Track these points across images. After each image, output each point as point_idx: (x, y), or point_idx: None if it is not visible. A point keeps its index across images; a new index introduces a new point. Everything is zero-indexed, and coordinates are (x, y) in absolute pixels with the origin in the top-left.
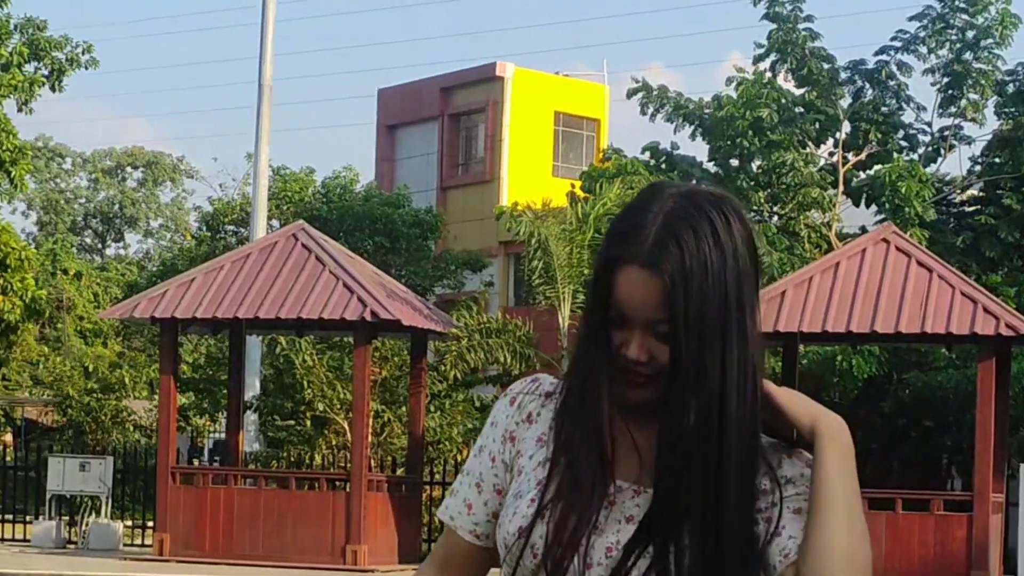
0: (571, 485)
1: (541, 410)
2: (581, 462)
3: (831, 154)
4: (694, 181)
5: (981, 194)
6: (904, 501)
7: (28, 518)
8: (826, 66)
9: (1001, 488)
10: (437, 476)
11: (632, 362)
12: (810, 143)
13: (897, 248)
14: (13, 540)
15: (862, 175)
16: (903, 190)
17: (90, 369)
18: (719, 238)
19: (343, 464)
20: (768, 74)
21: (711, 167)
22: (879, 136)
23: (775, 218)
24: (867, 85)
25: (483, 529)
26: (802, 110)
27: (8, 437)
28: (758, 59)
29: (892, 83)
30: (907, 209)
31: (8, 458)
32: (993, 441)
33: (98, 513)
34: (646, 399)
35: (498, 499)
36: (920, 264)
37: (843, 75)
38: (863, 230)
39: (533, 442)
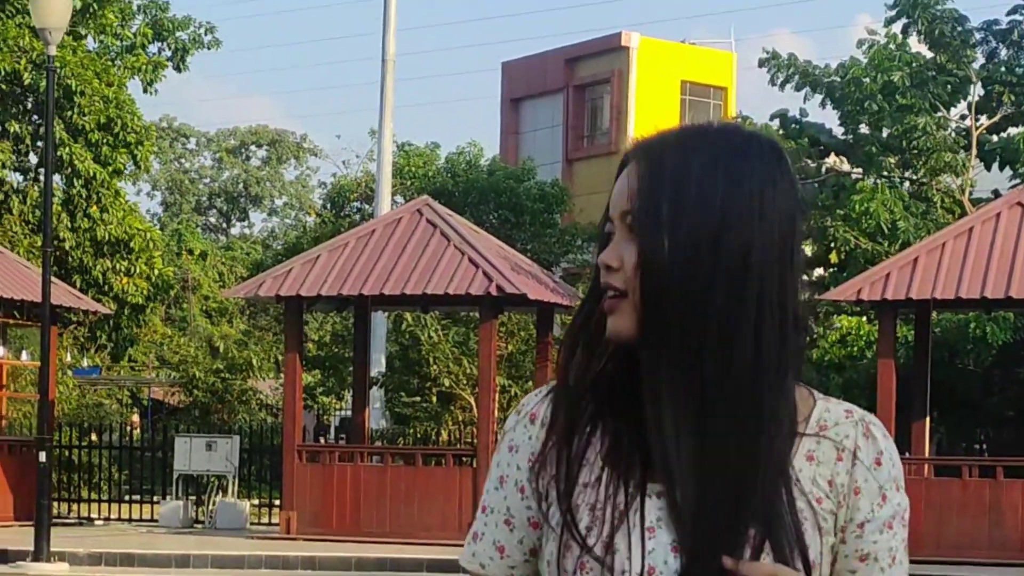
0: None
1: None
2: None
3: (963, 117)
4: (822, 148)
5: None
6: None
7: (155, 498)
8: (957, 28)
9: None
10: None
11: (604, 271)
12: (941, 107)
13: None
14: (141, 520)
15: (995, 138)
16: None
17: (218, 349)
18: (736, 164)
19: (470, 440)
20: (898, 36)
21: (840, 133)
22: (1013, 98)
23: (907, 183)
24: (1000, 45)
25: (523, 571)
26: (933, 73)
27: (136, 418)
28: (888, 22)
29: None
30: None
31: (136, 439)
32: None
33: (225, 492)
34: (619, 328)
35: (535, 534)
36: None
37: (975, 36)
38: (996, 194)
39: (569, 461)
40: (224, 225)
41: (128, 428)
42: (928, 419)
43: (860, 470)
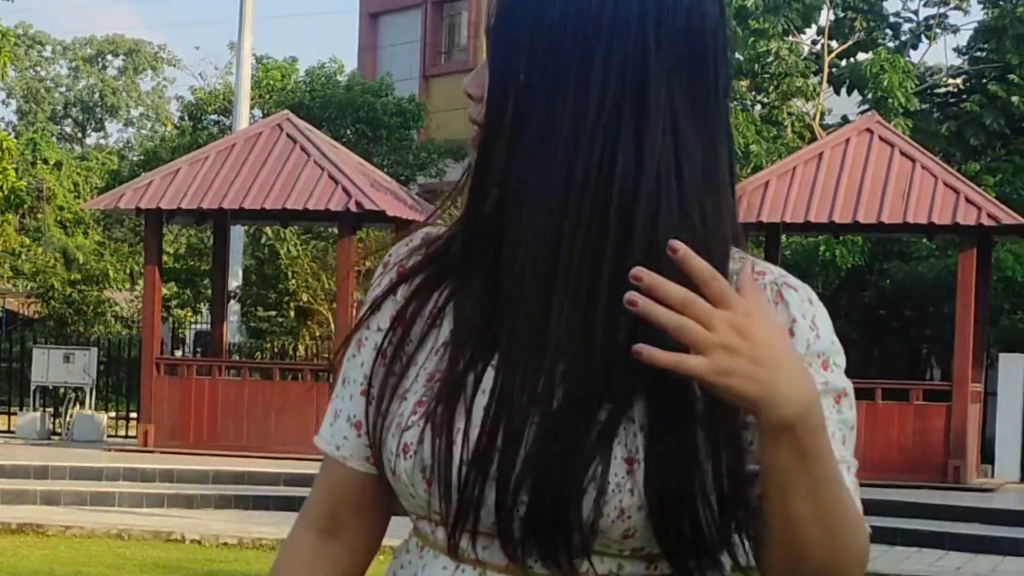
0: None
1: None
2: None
3: (814, 42)
4: None
5: (963, 83)
6: (883, 391)
7: (12, 409)
8: None
9: (980, 378)
10: None
11: (471, 105)
12: (794, 31)
13: (880, 138)
14: None
15: (844, 63)
16: (885, 82)
17: (73, 259)
18: None
19: (327, 355)
20: None
21: None
22: (864, 25)
23: (758, 107)
24: None
25: None
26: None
27: None
28: None
29: None
30: (890, 100)
31: None
32: (973, 331)
33: (82, 404)
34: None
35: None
36: (903, 154)
37: None
38: (846, 119)
39: (424, 319)
40: (80, 135)
41: None
42: None
43: None
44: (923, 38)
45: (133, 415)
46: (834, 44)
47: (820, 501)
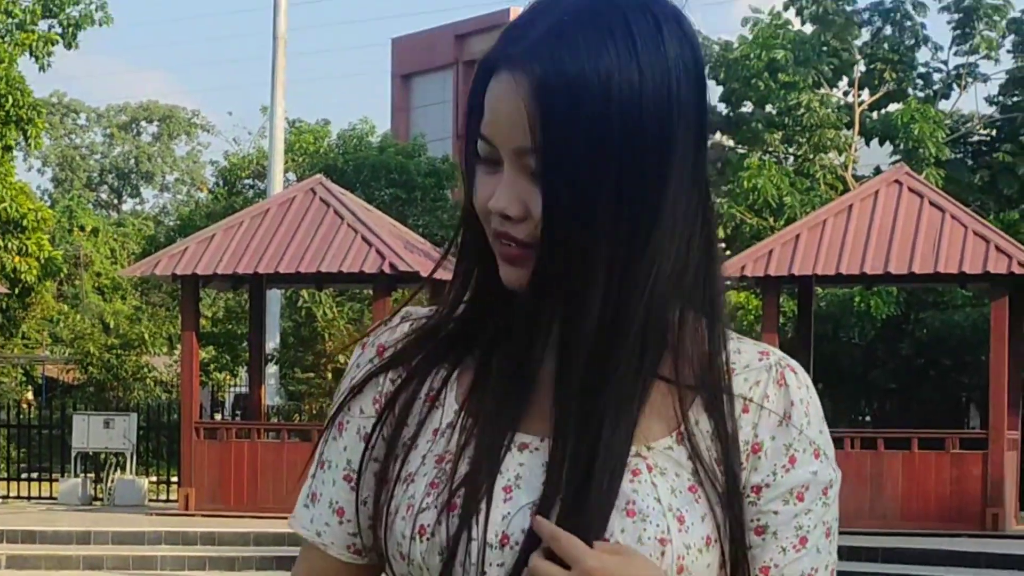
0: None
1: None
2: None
3: (846, 94)
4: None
5: (996, 132)
6: (920, 440)
7: (54, 476)
8: (843, 6)
9: (1016, 425)
10: None
11: (500, 220)
12: (825, 84)
13: (910, 189)
14: (40, 498)
15: (875, 115)
16: (916, 131)
17: (110, 325)
18: (637, 45)
19: None
20: (781, 15)
21: (723, 110)
22: (895, 76)
23: (791, 160)
24: (884, 24)
25: (366, 540)
26: (817, 51)
27: (29, 395)
28: None
29: (908, 23)
30: (921, 149)
31: (32, 417)
32: (1007, 378)
33: (123, 469)
34: (519, 279)
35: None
36: (932, 204)
37: (862, 16)
38: (878, 170)
39: (421, 402)
40: (115, 201)
41: (25, 406)
42: None
43: (765, 424)
44: (954, 87)
45: (174, 479)
46: (865, 95)
47: None
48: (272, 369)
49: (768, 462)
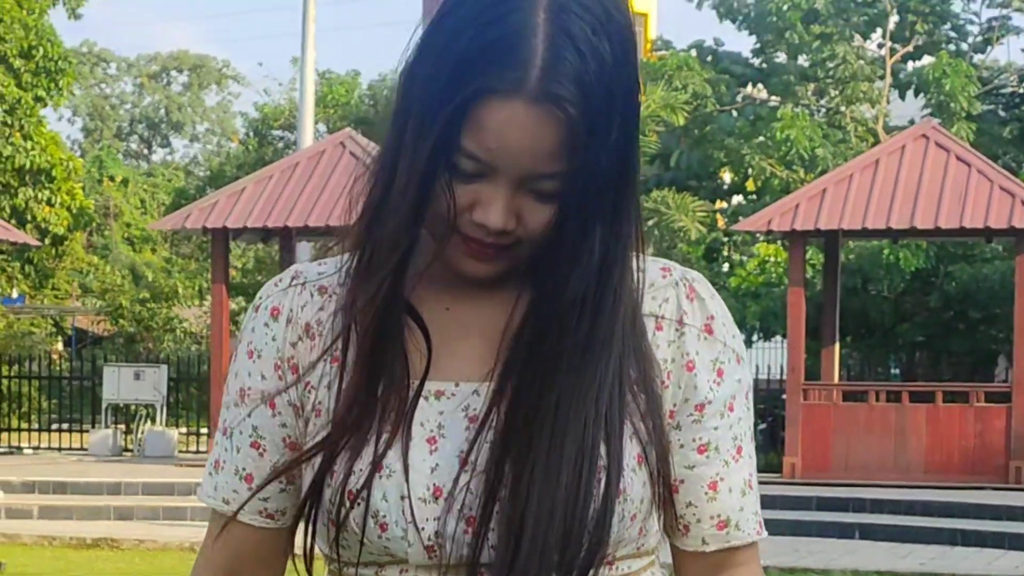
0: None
1: (321, 314)
2: (373, 367)
3: (879, 46)
4: (739, 76)
5: None
6: (944, 394)
7: (84, 427)
8: None
9: None
10: None
11: (486, 231)
12: (858, 36)
13: (936, 144)
14: (71, 449)
15: (909, 67)
16: (948, 86)
17: (142, 277)
18: (612, 39)
19: None
20: None
21: (757, 62)
22: (927, 27)
23: (821, 112)
24: None
25: (278, 504)
26: (852, 3)
27: (59, 346)
28: None
29: None
30: (953, 104)
31: (63, 368)
32: None
33: (153, 421)
34: (488, 273)
35: (291, 456)
36: (959, 159)
37: None
38: (911, 123)
39: (326, 363)
40: (146, 151)
41: (55, 358)
42: (838, 345)
43: (690, 340)
44: (986, 40)
45: (204, 430)
46: (898, 47)
47: None
48: None
49: (703, 379)
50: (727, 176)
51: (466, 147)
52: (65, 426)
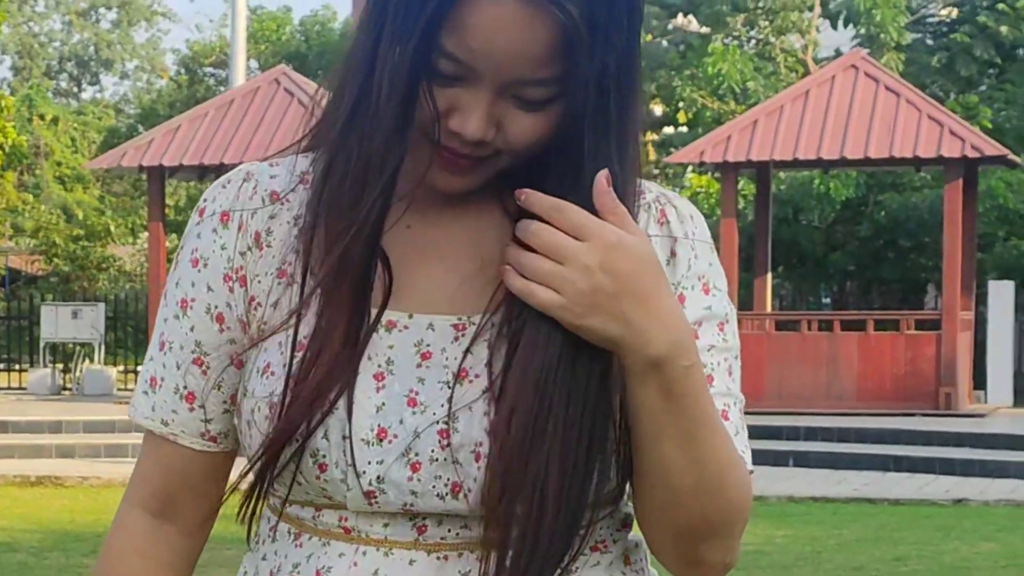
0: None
1: (272, 223)
2: (336, 293)
3: None
4: (670, 6)
5: (959, 14)
6: (875, 322)
7: (23, 366)
8: None
9: (970, 306)
10: None
11: (462, 139)
12: None
13: (865, 74)
14: (9, 388)
15: None
16: (878, 17)
17: (75, 215)
18: None
19: None
20: None
21: None
22: None
23: (751, 43)
24: None
25: (220, 426)
26: None
27: None
28: None
29: None
30: (883, 35)
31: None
32: (961, 260)
33: (91, 359)
34: (462, 187)
35: (237, 375)
36: (888, 89)
37: None
38: (838, 53)
39: (273, 278)
40: (75, 89)
41: None
42: (770, 275)
43: None
44: None
45: (141, 368)
46: None
47: (695, 446)
48: None
49: None
50: (658, 108)
51: (446, 47)
52: (2, 366)
